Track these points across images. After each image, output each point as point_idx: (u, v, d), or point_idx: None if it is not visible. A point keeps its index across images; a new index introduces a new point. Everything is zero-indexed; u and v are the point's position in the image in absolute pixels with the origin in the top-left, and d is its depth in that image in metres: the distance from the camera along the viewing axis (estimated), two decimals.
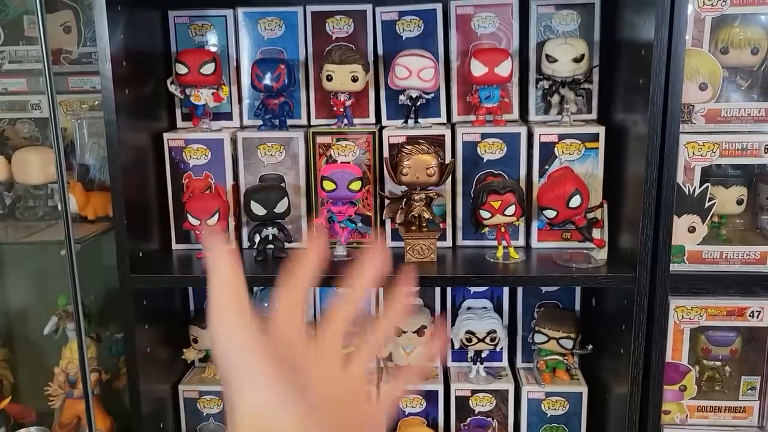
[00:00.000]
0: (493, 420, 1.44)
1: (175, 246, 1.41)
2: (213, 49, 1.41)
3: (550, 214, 1.24)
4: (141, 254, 1.30)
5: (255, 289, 1.48)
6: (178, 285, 1.38)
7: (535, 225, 1.36)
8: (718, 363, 1.27)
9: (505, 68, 1.30)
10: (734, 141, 1.14)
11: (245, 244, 1.41)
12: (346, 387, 0.49)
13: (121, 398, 1.62)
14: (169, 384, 1.47)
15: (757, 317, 1.19)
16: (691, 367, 1.23)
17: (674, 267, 1.18)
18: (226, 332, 0.45)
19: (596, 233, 1.27)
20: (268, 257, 1.33)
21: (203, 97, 1.37)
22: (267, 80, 1.35)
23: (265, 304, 1.44)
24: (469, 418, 1.45)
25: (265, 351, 0.45)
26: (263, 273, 1.29)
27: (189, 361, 1.49)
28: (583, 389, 1.42)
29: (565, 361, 1.44)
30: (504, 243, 1.29)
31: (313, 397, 0.46)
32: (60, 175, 1.30)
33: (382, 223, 1.39)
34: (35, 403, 1.68)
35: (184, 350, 1.46)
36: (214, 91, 1.37)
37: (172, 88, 1.38)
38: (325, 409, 0.46)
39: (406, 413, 1.45)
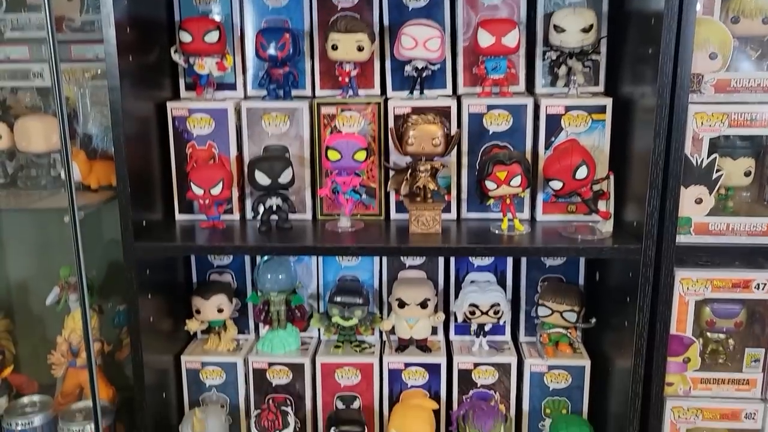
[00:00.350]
0: (495, 393, 1.44)
1: (178, 216, 1.41)
2: (217, 17, 1.40)
3: (557, 185, 1.23)
4: (144, 223, 1.30)
5: (258, 262, 1.48)
6: (181, 254, 1.38)
7: (540, 198, 1.35)
8: (723, 335, 1.26)
9: (513, 39, 1.29)
10: (743, 111, 1.13)
11: (249, 214, 1.41)
12: None
13: (124, 369, 1.63)
14: (171, 355, 1.47)
15: (763, 289, 1.19)
16: (695, 340, 1.23)
17: (680, 239, 1.18)
18: None
19: (602, 205, 1.27)
20: (271, 227, 1.33)
21: (207, 66, 1.35)
22: (271, 50, 1.33)
23: (269, 276, 1.44)
24: (471, 391, 1.45)
25: None
26: (267, 243, 1.28)
27: (191, 333, 1.49)
28: (586, 362, 1.42)
29: (568, 335, 1.44)
30: (509, 215, 1.29)
31: None
32: (63, 144, 1.29)
33: (387, 195, 1.38)
34: (37, 375, 1.69)
35: (187, 321, 1.46)
36: (218, 60, 1.36)
37: (175, 57, 1.36)
38: None
39: (409, 386, 1.45)
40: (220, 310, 1.46)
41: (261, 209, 1.33)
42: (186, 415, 1.43)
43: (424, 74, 1.37)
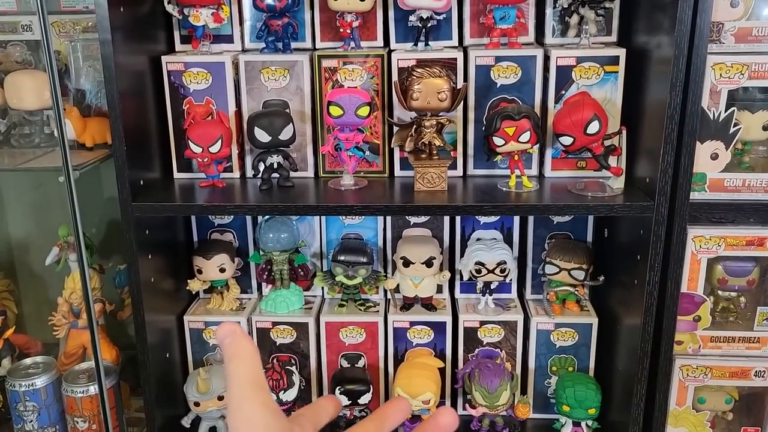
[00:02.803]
0: (501, 351, 1.43)
1: (176, 175, 1.37)
2: None
3: (567, 140, 1.19)
4: (142, 182, 1.26)
5: (260, 219, 1.45)
6: (180, 213, 1.34)
7: (549, 153, 1.31)
8: (734, 293, 1.24)
9: None
10: (765, 62, 1.08)
11: (249, 172, 1.37)
12: None
13: (126, 329, 1.62)
14: (174, 315, 1.46)
15: None
16: (706, 298, 1.21)
17: (694, 195, 1.14)
18: (246, 416, 0.46)
19: (613, 161, 1.23)
20: (272, 186, 1.29)
21: (202, 17, 1.29)
22: None
23: (270, 235, 1.41)
24: (477, 349, 1.44)
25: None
26: (268, 202, 1.25)
27: (194, 292, 1.48)
28: (593, 320, 1.40)
29: (575, 293, 1.42)
30: (517, 172, 1.25)
31: None
32: (55, 100, 1.24)
33: (391, 151, 1.34)
34: (40, 334, 1.68)
35: (189, 281, 1.44)
36: (214, 11, 1.30)
37: (169, 8, 1.30)
38: None
39: (414, 344, 1.44)
40: (222, 270, 1.43)
41: (261, 167, 1.29)
42: (190, 375, 1.43)
43: (429, 24, 1.31)
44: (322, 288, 1.50)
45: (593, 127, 1.17)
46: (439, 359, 1.42)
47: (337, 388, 1.37)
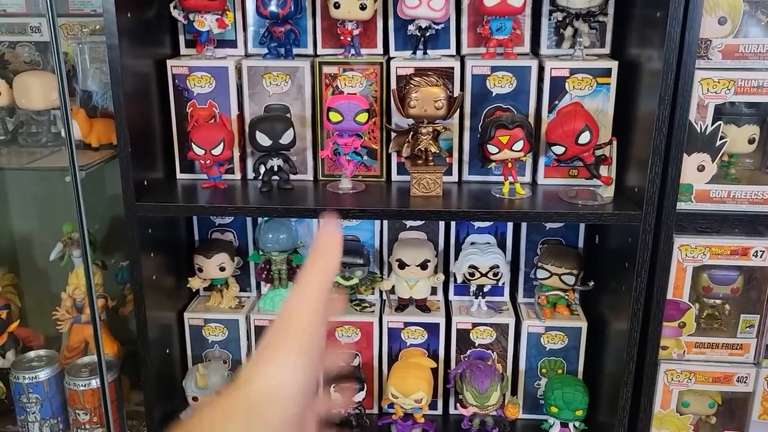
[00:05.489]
0: (492, 352, 1.47)
1: (179, 175, 1.41)
2: None
3: (559, 150, 1.23)
4: (146, 182, 1.30)
5: (260, 220, 1.48)
6: (182, 213, 1.38)
7: (542, 161, 1.35)
8: (719, 301, 1.28)
9: None
10: (750, 78, 1.11)
11: (250, 174, 1.40)
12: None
13: (128, 324, 1.65)
14: (174, 312, 1.49)
15: (761, 257, 1.19)
16: (692, 305, 1.24)
17: (681, 206, 1.18)
18: (303, 300, 0.51)
19: (604, 170, 1.26)
20: (273, 188, 1.33)
21: (207, 22, 1.33)
22: (273, 6, 1.31)
23: (270, 236, 1.44)
24: (469, 350, 1.47)
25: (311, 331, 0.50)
26: (268, 204, 1.28)
27: (194, 290, 1.51)
28: (583, 324, 1.44)
29: (566, 297, 1.45)
30: (510, 179, 1.29)
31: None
32: (63, 101, 1.28)
33: (388, 156, 1.38)
34: (43, 328, 1.71)
35: (190, 279, 1.47)
36: (219, 16, 1.33)
37: (175, 13, 1.34)
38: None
39: (408, 344, 1.48)
40: (222, 269, 1.47)
41: (262, 170, 1.33)
42: (189, 371, 1.46)
43: (428, 34, 1.34)
44: None
45: (584, 138, 1.20)
46: (431, 359, 1.46)
47: (332, 385, 1.40)
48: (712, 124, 1.15)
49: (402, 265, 1.43)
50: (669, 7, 1.07)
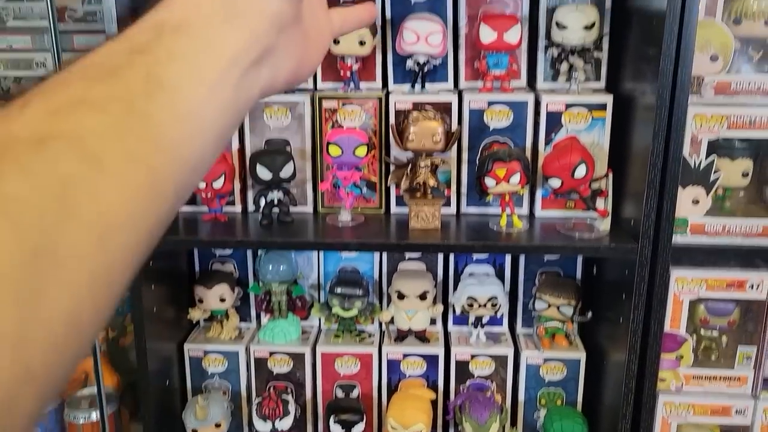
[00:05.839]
0: (491, 383, 1.47)
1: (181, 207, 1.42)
2: None
3: (555, 183, 1.24)
4: None
5: (260, 252, 1.50)
6: (183, 247, 1.39)
7: (539, 193, 1.36)
8: (716, 333, 1.28)
9: (515, 34, 1.29)
10: (743, 114, 1.13)
11: (250, 207, 1.42)
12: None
13: (128, 355, 1.66)
14: (174, 343, 1.50)
15: (757, 289, 1.20)
16: (689, 337, 1.25)
17: (676, 238, 1.19)
18: None
19: (600, 203, 1.28)
20: (273, 221, 1.34)
21: None
22: None
23: (270, 267, 1.46)
24: (468, 381, 1.47)
25: None
26: (268, 237, 1.30)
27: (194, 321, 1.52)
28: (581, 355, 1.44)
29: (564, 328, 1.46)
30: (508, 211, 1.30)
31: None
32: None
33: (387, 189, 1.40)
34: None
35: (190, 310, 1.48)
36: None
37: None
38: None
39: (407, 375, 1.48)
40: (222, 300, 1.48)
41: (262, 202, 1.34)
42: (189, 402, 1.47)
43: (426, 68, 1.37)
44: (319, 319, 1.55)
45: (580, 172, 1.22)
46: (431, 391, 1.46)
47: (332, 417, 1.41)
48: (706, 159, 1.17)
49: (401, 296, 1.44)
50: (662, 45, 1.10)
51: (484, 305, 1.43)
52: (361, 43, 1.32)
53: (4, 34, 1.53)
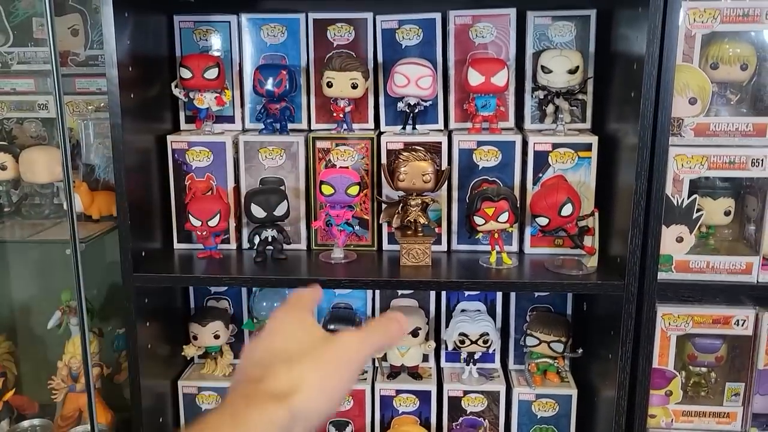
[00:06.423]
0: (484, 420, 1.47)
1: (176, 245, 1.45)
2: (216, 53, 1.45)
3: (543, 221, 1.27)
4: (143, 253, 1.34)
5: (254, 289, 1.52)
6: (179, 284, 1.42)
7: (528, 231, 1.39)
8: (704, 369, 1.30)
9: (502, 78, 1.33)
10: (722, 154, 1.17)
11: (245, 244, 1.44)
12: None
13: (122, 392, 1.66)
14: (168, 379, 1.51)
15: (742, 326, 1.22)
16: (677, 373, 1.26)
17: (662, 276, 1.21)
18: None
19: (587, 240, 1.30)
20: (267, 258, 1.37)
21: (206, 100, 1.40)
22: (269, 85, 1.38)
23: (264, 304, 1.47)
24: (461, 418, 1.48)
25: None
26: (262, 274, 1.32)
27: (188, 358, 1.53)
28: (573, 392, 1.45)
29: (555, 364, 1.47)
30: (497, 248, 1.33)
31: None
32: (66, 175, 1.33)
33: (379, 226, 1.42)
34: (38, 396, 1.72)
35: (184, 347, 1.49)
36: (217, 95, 1.40)
37: (176, 92, 1.41)
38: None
39: (400, 412, 1.49)
40: (216, 336, 1.49)
41: (257, 240, 1.37)
42: None
43: (417, 110, 1.41)
44: None
45: (566, 210, 1.25)
46: (424, 428, 1.46)
47: None
48: (688, 198, 1.20)
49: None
50: (642, 89, 1.14)
51: (476, 342, 1.44)
52: (354, 87, 1.37)
53: (8, 77, 1.58)
